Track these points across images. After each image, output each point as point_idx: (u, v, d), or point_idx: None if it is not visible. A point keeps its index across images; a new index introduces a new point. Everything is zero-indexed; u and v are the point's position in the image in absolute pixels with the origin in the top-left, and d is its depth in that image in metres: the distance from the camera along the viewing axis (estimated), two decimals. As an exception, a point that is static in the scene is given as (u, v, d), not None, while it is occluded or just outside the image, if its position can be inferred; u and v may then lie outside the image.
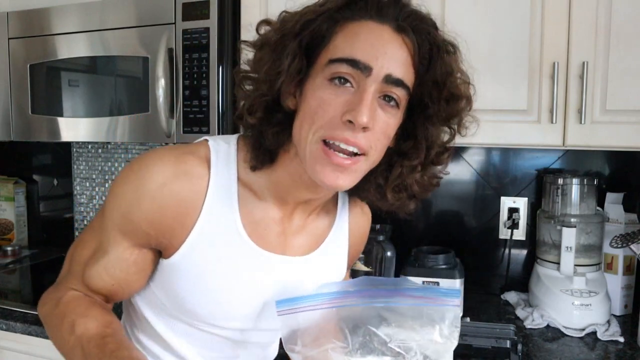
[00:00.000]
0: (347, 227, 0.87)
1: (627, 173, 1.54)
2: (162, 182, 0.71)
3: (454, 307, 0.69)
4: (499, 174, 1.64)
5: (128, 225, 0.74)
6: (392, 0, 0.67)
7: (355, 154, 0.66)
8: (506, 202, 1.63)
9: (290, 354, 0.73)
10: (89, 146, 2.10)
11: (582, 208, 1.44)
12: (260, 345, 0.89)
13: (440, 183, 0.79)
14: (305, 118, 0.67)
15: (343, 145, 0.65)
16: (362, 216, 0.91)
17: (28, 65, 1.68)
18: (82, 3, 1.59)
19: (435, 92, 0.69)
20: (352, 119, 0.63)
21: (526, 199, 1.61)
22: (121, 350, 0.69)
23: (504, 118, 1.28)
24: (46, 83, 1.68)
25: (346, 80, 0.65)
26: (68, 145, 2.16)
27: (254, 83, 0.70)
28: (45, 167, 2.27)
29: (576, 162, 1.57)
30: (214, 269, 0.75)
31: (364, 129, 0.64)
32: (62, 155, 2.20)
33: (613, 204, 1.49)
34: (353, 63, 0.64)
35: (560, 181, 1.44)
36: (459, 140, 1.39)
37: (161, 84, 1.44)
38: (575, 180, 1.43)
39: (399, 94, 0.67)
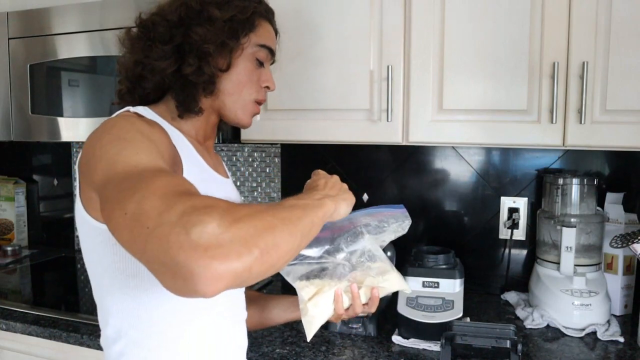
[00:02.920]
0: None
1: (627, 173, 1.54)
2: (140, 126, 0.77)
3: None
4: (499, 174, 1.64)
5: (157, 149, 0.73)
6: (272, 10, 1.02)
7: None
8: (506, 202, 1.63)
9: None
10: (89, 146, 2.10)
11: (582, 208, 1.44)
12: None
13: (441, 182, 0.81)
14: (240, 84, 0.94)
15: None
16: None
17: (28, 65, 1.68)
18: (82, 3, 1.59)
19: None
20: (270, 86, 0.99)
21: (526, 199, 1.61)
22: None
23: (504, 118, 1.28)
24: (46, 83, 1.68)
25: (263, 62, 0.98)
26: (68, 145, 2.16)
27: (210, 53, 0.88)
28: (45, 167, 2.27)
29: (576, 162, 1.57)
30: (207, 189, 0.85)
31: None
32: (62, 155, 2.20)
33: (613, 204, 1.49)
34: (271, 51, 0.98)
35: (560, 181, 1.44)
36: (460, 140, 1.39)
37: (161, 84, 1.44)
38: (575, 180, 1.43)
39: None
